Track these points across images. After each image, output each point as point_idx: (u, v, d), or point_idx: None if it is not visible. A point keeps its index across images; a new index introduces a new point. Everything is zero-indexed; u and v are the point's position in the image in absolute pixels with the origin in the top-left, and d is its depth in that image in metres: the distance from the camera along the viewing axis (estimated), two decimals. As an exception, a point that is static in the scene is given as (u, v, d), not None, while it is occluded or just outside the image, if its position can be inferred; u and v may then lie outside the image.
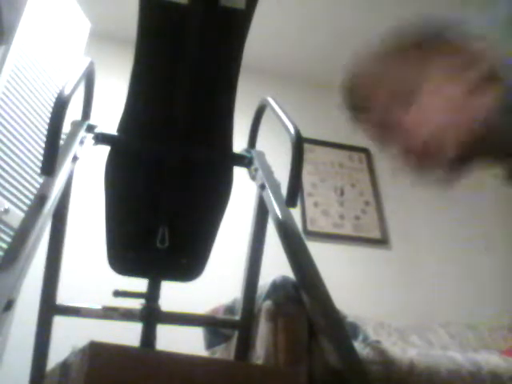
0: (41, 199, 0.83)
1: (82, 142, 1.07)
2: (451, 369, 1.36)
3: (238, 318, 1.31)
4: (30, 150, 1.92)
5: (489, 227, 3.32)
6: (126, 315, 1.24)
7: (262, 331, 1.31)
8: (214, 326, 1.52)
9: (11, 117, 1.81)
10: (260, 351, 1.29)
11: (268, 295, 1.32)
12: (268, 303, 1.33)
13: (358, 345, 1.38)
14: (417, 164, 0.71)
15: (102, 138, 1.14)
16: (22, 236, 0.74)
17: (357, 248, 2.93)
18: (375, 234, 3.03)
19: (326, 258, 2.11)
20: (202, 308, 1.93)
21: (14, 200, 1.80)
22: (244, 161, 1.21)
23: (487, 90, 0.66)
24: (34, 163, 1.93)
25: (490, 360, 1.45)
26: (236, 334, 1.33)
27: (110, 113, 1.91)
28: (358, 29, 3.11)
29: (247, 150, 1.25)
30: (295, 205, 0.92)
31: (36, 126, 1.96)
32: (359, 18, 3.03)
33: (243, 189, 1.45)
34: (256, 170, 1.15)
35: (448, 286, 2.96)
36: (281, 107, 1.06)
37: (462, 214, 3.33)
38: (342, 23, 3.07)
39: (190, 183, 1.18)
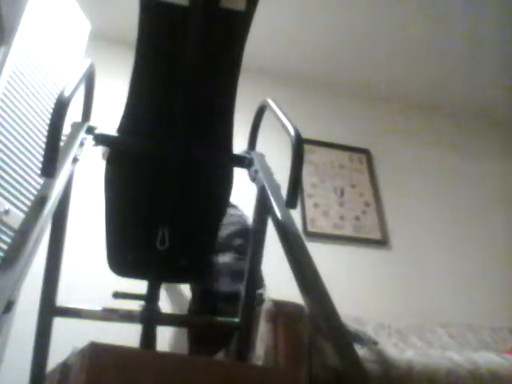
0: (41, 200, 0.83)
1: (82, 144, 1.07)
2: (450, 368, 1.36)
3: (237, 319, 1.31)
4: (30, 151, 1.92)
5: (490, 227, 3.32)
6: (126, 317, 1.24)
7: (262, 332, 1.30)
8: (213, 327, 1.52)
9: (11, 118, 1.81)
10: (260, 352, 1.29)
11: None
12: (268, 304, 1.33)
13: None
14: None
15: (102, 139, 1.13)
16: (22, 237, 0.74)
17: (357, 249, 2.93)
18: (375, 234, 3.03)
19: (326, 258, 2.11)
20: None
21: (15, 201, 1.80)
22: (244, 162, 1.21)
23: None
24: (35, 164, 1.94)
25: (489, 358, 1.45)
26: (236, 334, 1.32)
27: (109, 114, 1.91)
28: (358, 29, 3.11)
29: (247, 152, 1.25)
30: (295, 206, 0.92)
31: (36, 127, 1.97)
32: (359, 18, 3.03)
33: (243, 190, 1.45)
34: (256, 171, 1.15)
35: (448, 286, 2.96)
36: (281, 108, 1.06)
37: (463, 215, 3.33)
38: (342, 23, 3.07)
39: (189, 184, 1.18)
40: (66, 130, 1.00)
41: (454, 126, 3.77)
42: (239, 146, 1.26)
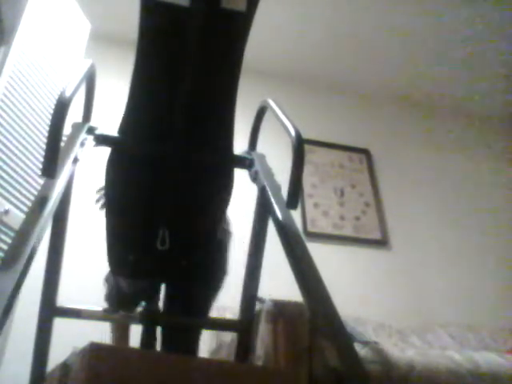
0: (41, 201, 0.84)
1: (82, 144, 1.07)
2: (450, 368, 1.36)
3: (237, 319, 1.31)
4: (30, 152, 1.92)
5: (490, 227, 3.32)
6: (126, 317, 1.24)
7: (263, 332, 1.31)
8: (214, 328, 1.52)
9: (11, 118, 1.81)
10: (260, 352, 1.29)
11: None
12: (268, 304, 1.33)
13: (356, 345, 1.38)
14: None
15: (102, 140, 1.13)
16: (22, 237, 0.74)
17: (357, 249, 2.93)
18: (375, 234, 3.03)
19: (327, 259, 2.11)
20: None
21: (15, 201, 1.80)
22: (245, 163, 1.21)
23: None
24: (35, 165, 1.94)
25: (489, 358, 1.45)
26: (236, 335, 1.32)
27: (110, 114, 1.91)
28: (358, 29, 3.12)
29: (248, 152, 1.25)
30: (296, 206, 0.92)
31: (37, 128, 1.97)
32: (359, 19, 3.03)
33: (244, 190, 1.45)
34: (256, 172, 1.15)
35: (448, 286, 2.96)
36: (281, 109, 1.06)
37: (462, 214, 3.33)
38: (342, 23, 3.07)
39: (190, 185, 1.18)
40: (67, 130, 1.00)
41: (453, 126, 3.77)
42: (240, 146, 1.25)
